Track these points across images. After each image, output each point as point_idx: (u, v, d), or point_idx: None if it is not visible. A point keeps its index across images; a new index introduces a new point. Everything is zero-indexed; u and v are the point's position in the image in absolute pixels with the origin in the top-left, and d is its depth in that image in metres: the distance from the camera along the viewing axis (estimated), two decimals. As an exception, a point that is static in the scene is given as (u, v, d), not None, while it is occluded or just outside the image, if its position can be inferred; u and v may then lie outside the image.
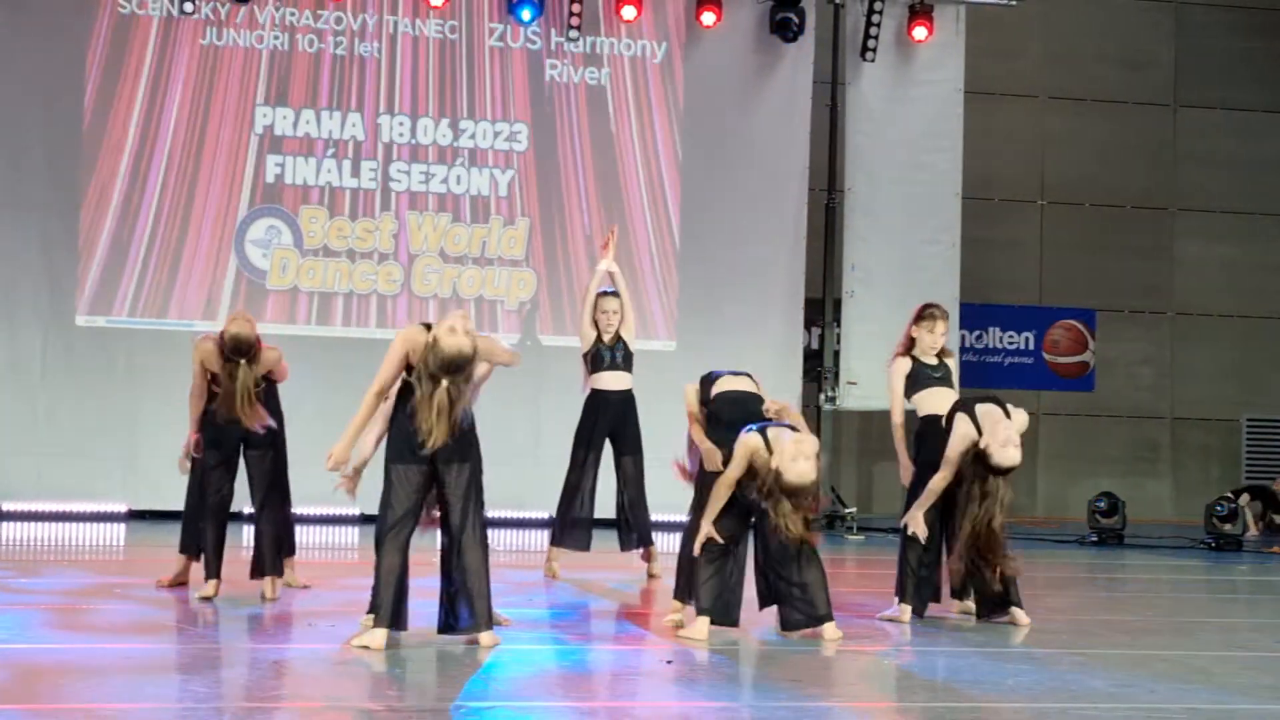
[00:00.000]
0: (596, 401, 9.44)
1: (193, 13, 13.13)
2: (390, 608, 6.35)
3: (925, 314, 8.19)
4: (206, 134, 13.19)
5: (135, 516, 12.67)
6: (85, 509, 12.70)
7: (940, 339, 8.17)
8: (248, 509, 8.23)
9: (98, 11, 13.04)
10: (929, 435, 7.84)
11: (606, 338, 9.47)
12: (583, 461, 9.45)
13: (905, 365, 8.11)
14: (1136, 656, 6.83)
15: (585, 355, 9.52)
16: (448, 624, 6.48)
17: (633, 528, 9.52)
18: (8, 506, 12.64)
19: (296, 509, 8.36)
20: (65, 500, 12.69)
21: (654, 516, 9.64)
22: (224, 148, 13.23)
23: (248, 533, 8.39)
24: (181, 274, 13.07)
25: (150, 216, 13.05)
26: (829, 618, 7.00)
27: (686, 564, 7.27)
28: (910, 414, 8.17)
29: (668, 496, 9.38)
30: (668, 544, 9.53)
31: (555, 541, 9.55)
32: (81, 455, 12.74)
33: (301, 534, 10.32)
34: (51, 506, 12.67)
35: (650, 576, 9.36)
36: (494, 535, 11.37)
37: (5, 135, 12.84)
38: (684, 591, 7.32)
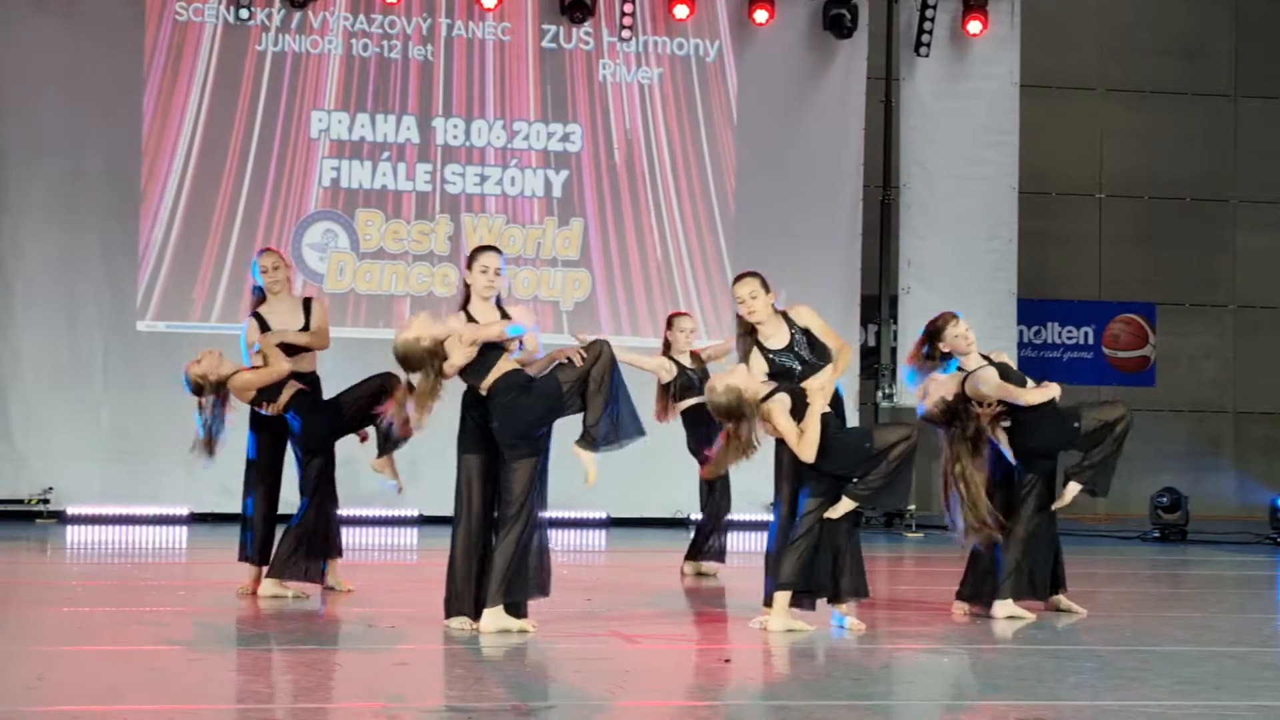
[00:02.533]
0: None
1: (248, 19, 13.24)
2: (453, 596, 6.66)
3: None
4: (263, 139, 13.30)
5: (197, 520, 12.79)
6: (148, 512, 12.83)
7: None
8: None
9: (154, 20, 13.17)
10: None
11: (686, 359, 9.41)
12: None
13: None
14: (1201, 654, 6.75)
15: (670, 384, 9.40)
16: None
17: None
18: (72, 510, 12.80)
19: (351, 510, 8.36)
20: (128, 504, 12.83)
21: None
22: (280, 153, 13.34)
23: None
24: (239, 279, 13.16)
25: (208, 222, 13.17)
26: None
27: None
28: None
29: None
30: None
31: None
32: (143, 459, 12.87)
33: (358, 536, 10.39)
34: (114, 510, 12.82)
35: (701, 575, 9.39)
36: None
37: (65, 143, 12.99)
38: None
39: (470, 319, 6.77)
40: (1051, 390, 7.76)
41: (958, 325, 7.71)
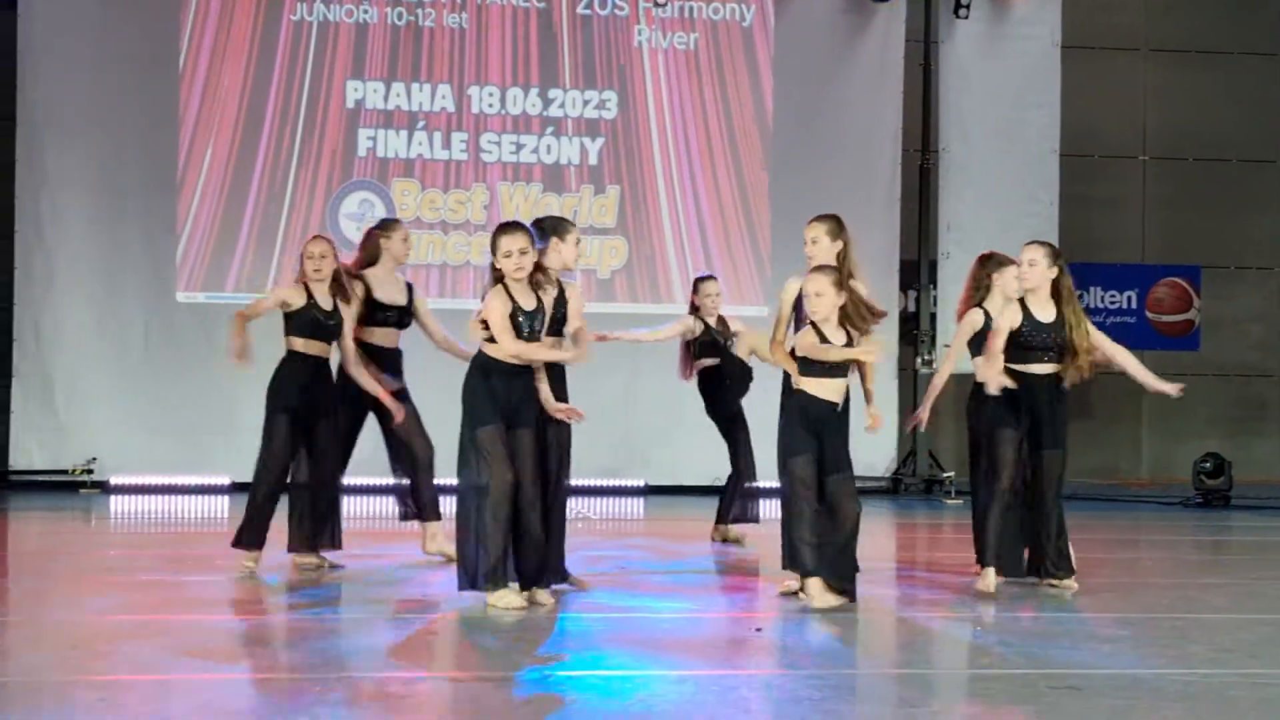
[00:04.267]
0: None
1: (283, -11, 13.28)
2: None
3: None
4: (299, 109, 13.35)
5: (238, 489, 12.89)
6: (189, 482, 12.96)
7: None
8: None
9: (191, -9, 13.23)
10: None
11: (712, 321, 9.43)
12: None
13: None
14: (1239, 621, 6.72)
15: (693, 343, 9.39)
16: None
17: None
18: (115, 480, 12.95)
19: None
20: (170, 474, 12.97)
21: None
22: (315, 123, 13.39)
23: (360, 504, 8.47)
24: (276, 249, 13.26)
25: (245, 193, 13.25)
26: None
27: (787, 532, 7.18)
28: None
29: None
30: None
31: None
32: (185, 429, 13.00)
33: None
34: (157, 480, 12.96)
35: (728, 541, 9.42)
36: (589, 503, 11.44)
37: (104, 118, 13.08)
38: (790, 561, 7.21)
39: (511, 299, 6.61)
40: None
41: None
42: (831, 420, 6.81)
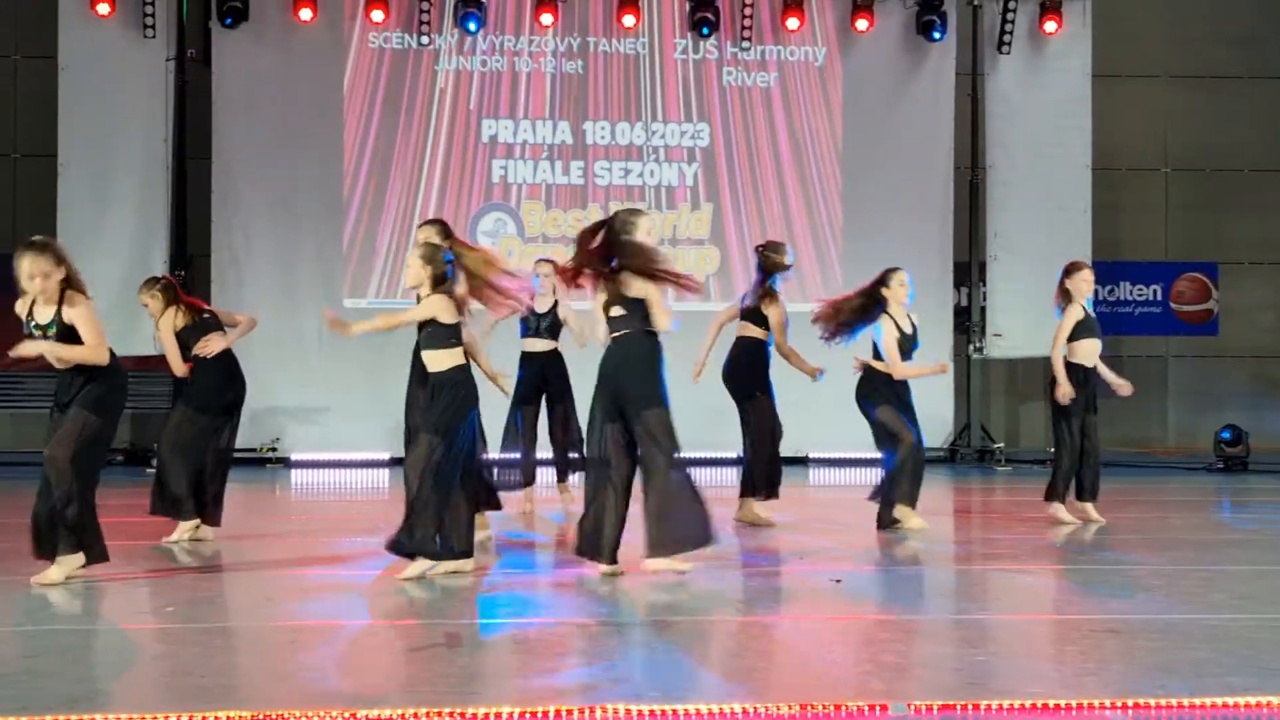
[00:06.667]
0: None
1: (428, 44, 13.39)
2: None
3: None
4: (442, 144, 13.47)
5: (396, 463, 13.05)
6: (357, 457, 13.13)
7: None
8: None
9: (353, 48, 13.39)
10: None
11: (541, 307, 8.85)
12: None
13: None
14: (1259, 572, 6.53)
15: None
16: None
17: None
18: (295, 457, 13.17)
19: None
20: (341, 451, 13.15)
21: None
22: (456, 155, 13.50)
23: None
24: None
25: (400, 214, 13.39)
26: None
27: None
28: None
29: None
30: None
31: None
32: (351, 413, 13.17)
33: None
34: (330, 456, 13.15)
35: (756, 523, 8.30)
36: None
37: (283, 156, 13.28)
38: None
39: None
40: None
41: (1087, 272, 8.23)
42: None
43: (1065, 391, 8.02)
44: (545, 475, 9.32)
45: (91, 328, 5.92)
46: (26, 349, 5.86)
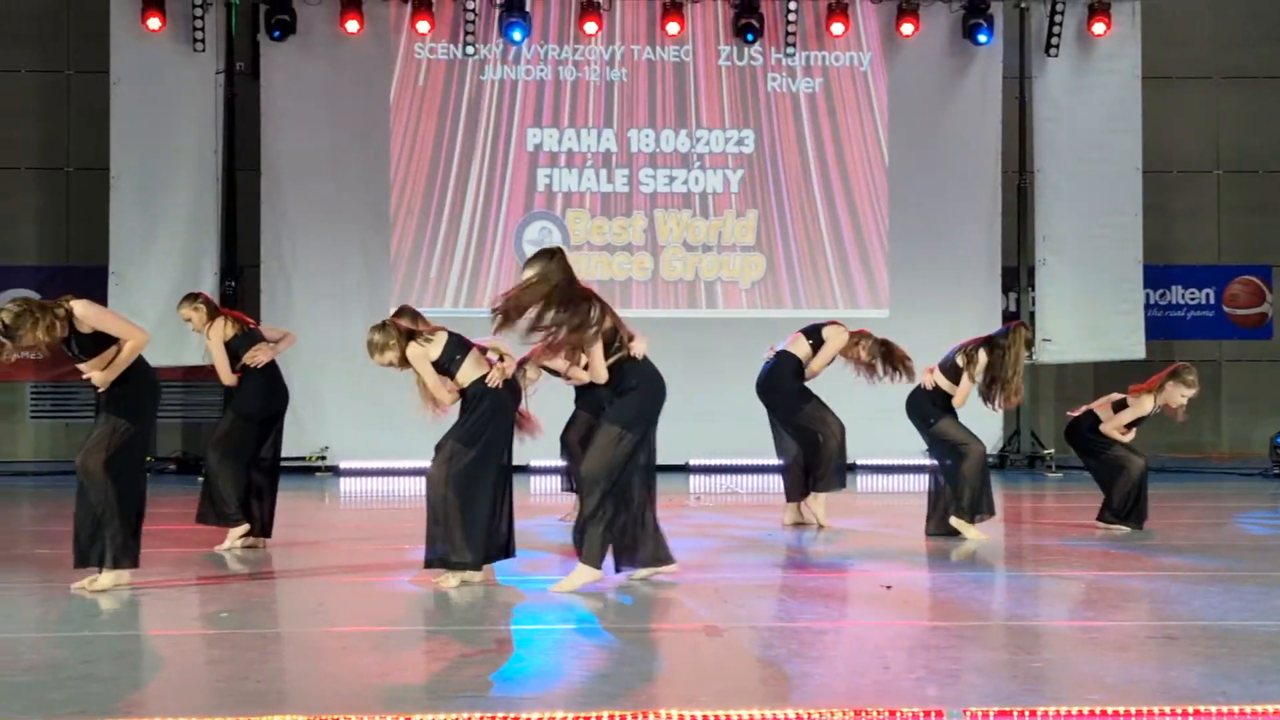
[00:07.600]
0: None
1: (474, 54, 13.46)
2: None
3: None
4: (487, 153, 13.53)
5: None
6: (404, 465, 13.17)
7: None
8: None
9: (399, 60, 13.48)
10: None
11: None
12: None
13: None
14: (1317, 578, 6.43)
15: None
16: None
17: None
18: (344, 465, 13.25)
19: None
20: (389, 459, 13.20)
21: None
22: (502, 163, 13.55)
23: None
24: (470, 270, 13.46)
25: (446, 223, 13.46)
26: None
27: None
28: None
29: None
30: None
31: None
32: (398, 423, 13.17)
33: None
34: (378, 464, 13.21)
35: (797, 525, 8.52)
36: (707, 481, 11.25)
37: (330, 166, 13.39)
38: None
39: None
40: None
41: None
42: None
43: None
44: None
45: (109, 318, 5.86)
46: (88, 374, 5.89)
